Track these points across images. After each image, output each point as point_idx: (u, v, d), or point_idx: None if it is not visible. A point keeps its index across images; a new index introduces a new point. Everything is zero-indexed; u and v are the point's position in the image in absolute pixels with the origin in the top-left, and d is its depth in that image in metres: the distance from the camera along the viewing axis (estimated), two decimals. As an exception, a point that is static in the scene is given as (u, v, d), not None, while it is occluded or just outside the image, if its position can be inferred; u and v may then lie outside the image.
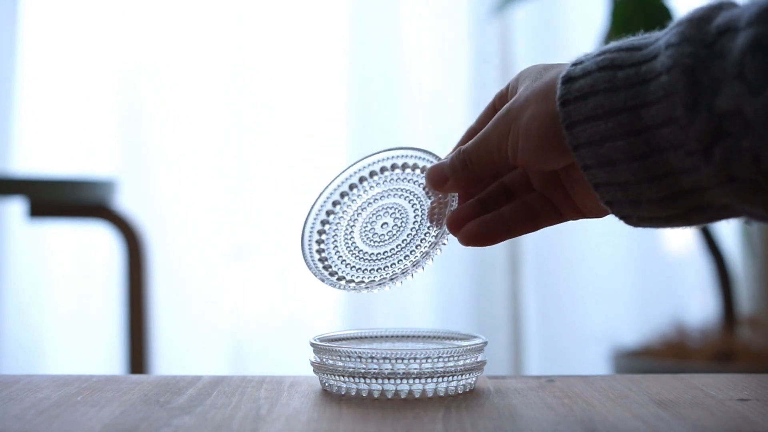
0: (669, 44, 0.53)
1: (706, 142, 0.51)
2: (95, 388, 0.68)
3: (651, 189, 0.54)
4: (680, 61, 0.52)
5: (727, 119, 0.50)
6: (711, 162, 0.51)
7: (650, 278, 2.16)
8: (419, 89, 2.12)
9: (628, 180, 0.55)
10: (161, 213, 2.07)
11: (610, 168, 0.55)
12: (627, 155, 0.54)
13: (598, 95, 0.55)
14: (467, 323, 2.09)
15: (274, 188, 2.09)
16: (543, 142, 0.58)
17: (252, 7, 2.09)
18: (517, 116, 0.60)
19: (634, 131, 0.54)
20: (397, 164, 0.69)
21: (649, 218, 0.56)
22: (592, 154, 0.55)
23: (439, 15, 2.13)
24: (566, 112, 0.56)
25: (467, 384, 0.66)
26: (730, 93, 0.50)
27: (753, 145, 0.50)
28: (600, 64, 0.56)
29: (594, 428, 0.57)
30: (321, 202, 0.69)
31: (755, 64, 0.49)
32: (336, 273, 0.69)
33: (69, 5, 2.06)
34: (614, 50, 0.56)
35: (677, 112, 0.52)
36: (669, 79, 0.52)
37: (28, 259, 2.05)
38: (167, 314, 2.04)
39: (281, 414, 0.61)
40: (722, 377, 0.72)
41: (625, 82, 0.54)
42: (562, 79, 0.57)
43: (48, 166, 2.03)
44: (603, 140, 0.55)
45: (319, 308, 2.09)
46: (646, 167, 0.54)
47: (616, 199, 0.56)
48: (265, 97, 2.10)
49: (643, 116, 0.53)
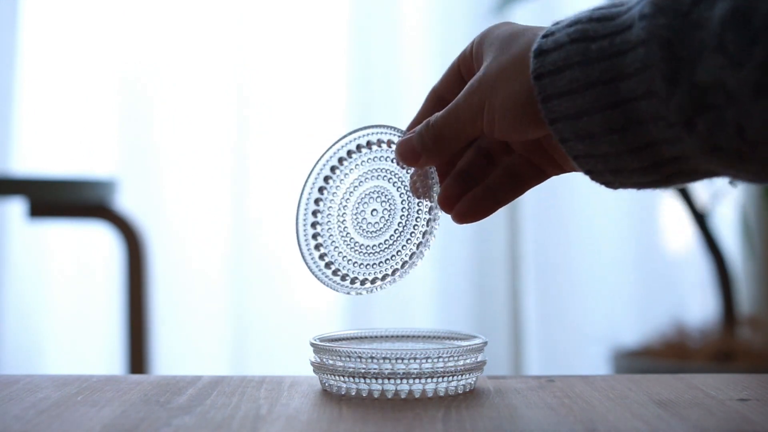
0: (643, 15, 0.52)
1: (687, 115, 0.51)
2: (95, 388, 0.68)
3: (632, 159, 0.54)
4: (656, 32, 0.51)
5: (709, 92, 0.50)
6: (694, 133, 0.51)
7: (650, 278, 2.16)
8: (419, 89, 2.12)
9: (607, 152, 0.55)
10: (161, 213, 2.07)
11: (588, 141, 0.55)
12: (605, 128, 0.54)
13: (572, 68, 0.54)
14: (467, 323, 2.09)
15: (274, 188, 2.09)
16: (521, 117, 0.58)
17: (252, 7, 2.09)
18: (491, 92, 0.59)
19: (611, 104, 0.53)
20: (362, 144, 0.68)
21: (632, 183, 0.56)
22: (569, 128, 0.55)
23: (439, 15, 2.13)
24: (541, 86, 0.56)
25: (467, 384, 0.66)
26: (711, 65, 0.49)
27: (737, 116, 0.49)
28: (572, 36, 0.55)
29: (594, 428, 0.57)
30: (304, 205, 0.69)
31: (736, 36, 0.48)
32: (348, 276, 0.69)
33: (69, 5, 2.06)
34: (585, 20, 0.55)
35: (656, 85, 0.51)
36: (646, 51, 0.51)
37: (28, 259, 2.04)
38: (167, 314, 2.04)
39: (281, 414, 0.61)
40: (722, 377, 0.72)
41: (599, 54, 0.54)
42: (534, 52, 0.56)
43: (48, 166, 2.03)
44: (580, 114, 0.54)
45: (319, 308, 2.09)
46: (626, 139, 0.54)
47: (597, 169, 0.56)
48: (265, 97, 2.10)
49: (620, 89, 0.53)
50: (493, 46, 0.60)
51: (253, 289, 2.09)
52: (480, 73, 0.60)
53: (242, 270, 2.09)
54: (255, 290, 2.09)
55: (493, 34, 0.61)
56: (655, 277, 2.16)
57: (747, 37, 0.48)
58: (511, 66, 0.58)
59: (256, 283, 2.09)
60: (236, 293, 2.09)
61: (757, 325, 1.84)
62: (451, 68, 0.66)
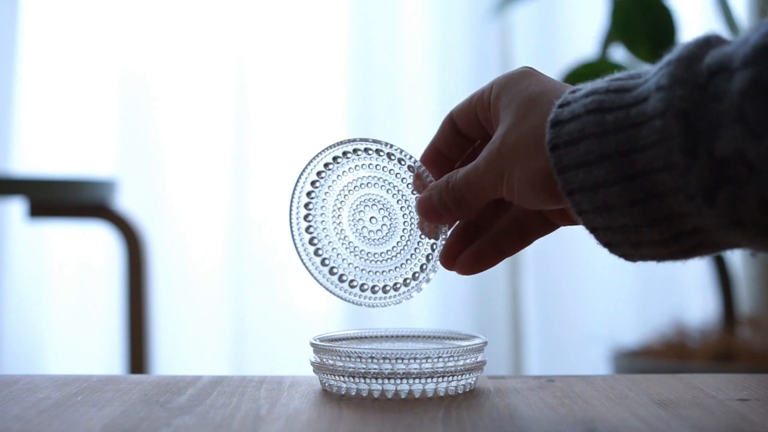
0: (659, 86, 0.51)
1: (707, 188, 0.50)
2: (95, 388, 0.68)
3: (652, 232, 0.53)
4: (673, 104, 0.50)
5: (728, 164, 0.49)
6: (715, 207, 0.50)
7: (650, 278, 2.16)
8: (419, 89, 2.12)
9: (626, 224, 0.54)
10: (161, 213, 2.07)
11: (606, 213, 0.54)
12: (623, 200, 0.53)
13: (588, 139, 0.54)
14: (467, 323, 2.09)
15: (274, 188, 2.09)
16: (540, 191, 0.58)
17: (252, 6, 2.10)
18: (510, 164, 0.59)
19: (629, 176, 0.53)
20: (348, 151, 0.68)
21: (651, 255, 0.55)
22: (587, 200, 0.55)
23: (439, 15, 2.13)
24: (557, 157, 0.55)
25: (467, 384, 0.66)
26: (730, 137, 0.49)
27: (758, 189, 0.48)
28: (588, 107, 0.54)
29: (594, 428, 0.57)
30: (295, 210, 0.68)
31: (756, 107, 0.48)
32: (356, 282, 0.68)
33: (69, 5, 2.06)
34: (602, 91, 0.55)
35: (674, 157, 0.50)
36: (663, 123, 0.51)
37: (28, 259, 2.04)
38: (167, 314, 2.04)
39: (281, 414, 0.61)
40: (722, 377, 0.72)
41: (615, 126, 0.53)
42: (550, 122, 0.56)
43: (48, 166, 2.03)
44: (597, 186, 0.54)
45: (319, 308, 2.09)
46: (645, 211, 0.53)
47: (616, 242, 0.55)
48: (265, 97, 2.10)
49: (637, 161, 0.52)
50: (510, 107, 0.60)
51: (253, 289, 2.09)
52: (499, 141, 0.60)
53: (242, 270, 2.09)
54: (255, 290, 2.09)
55: (512, 91, 0.61)
56: (655, 277, 2.16)
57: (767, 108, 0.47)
58: (529, 137, 0.58)
59: (256, 283, 2.09)
60: (236, 293, 2.09)
61: (757, 325, 1.84)
62: (469, 102, 0.65)
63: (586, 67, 1.65)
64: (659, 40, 1.60)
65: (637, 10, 1.60)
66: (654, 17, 1.60)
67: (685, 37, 1.71)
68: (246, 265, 2.09)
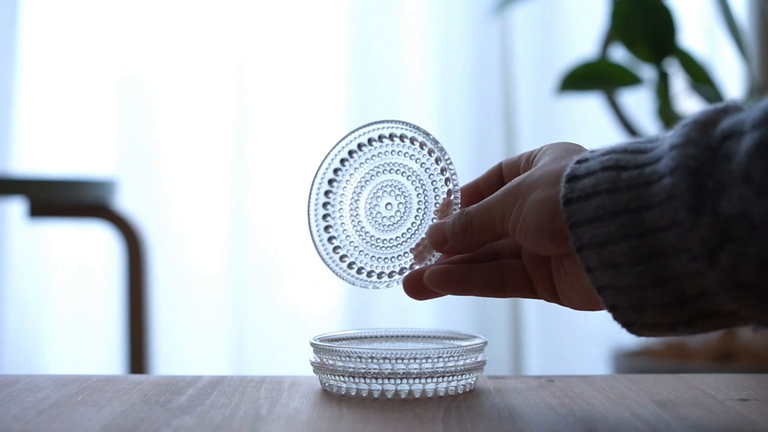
0: (673, 146, 0.52)
1: (710, 247, 0.50)
2: (95, 388, 0.68)
3: (655, 294, 0.53)
4: (684, 162, 0.51)
5: (732, 223, 0.49)
6: (717, 267, 0.50)
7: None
8: (419, 89, 2.12)
9: (630, 283, 0.54)
10: (161, 213, 2.07)
11: (613, 271, 0.54)
12: (629, 258, 0.53)
13: (600, 195, 0.54)
14: (467, 323, 2.09)
15: (274, 188, 2.09)
16: (541, 226, 0.57)
17: (252, 7, 2.10)
18: (526, 193, 0.59)
19: (637, 234, 0.53)
20: (373, 138, 0.69)
21: (653, 325, 0.55)
22: (595, 256, 0.54)
23: (439, 15, 2.13)
24: (569, 212, 0.55)
25: (467, 384, 0.66)
26: (736, 196, 0.49)
27: (759, 250, 0.48)
28: (605, 164, 0.55)
29: (594, 428, 0.57)
30: (314, 198, 0.69)
31: (762, 166, 0.48)
32: (364, 269, 0.69)
33: (69, 5, 2.06)
34: (620, 151, 0.55)
35: (680, 215, 0.51)
36: (672, 180, 0.51)
37: (28, 259, 2.05)
38: (167, 314, 2.04)
39: (281, 414, 0.61)
40: (722, 377, 0.72)
41: (628, 184, 0.53)
42: (566, 177, 0.56)
43: (48, 166, 2.03)
44: (605, 242, 0.54)
45: (319, 308, 2.09)
46: (650, 271, 0.53)
47: (620, 304, 0.55)
48: (265, 96, 2.10)
49: (645, 219, 0.52)
50: (547, 155, 0.61)
51: (253, 289, 2.09)
52: (524, 174, 0.60)
53: (242, 270, 2.09)
54: (255, 290, 2.09)
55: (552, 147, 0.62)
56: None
57: None
58: (552, 175, 0.58)
59: (256, 283, 2.09)
60: (236, 293, 2.09)
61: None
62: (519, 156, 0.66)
63: (586, 67, 1.65)
64: (659, 40, 1.60)
65: (637, 10, 1.59)
66: (654, 17, 1.60)
67: (686, 39, 1.71)
68: (246, 264, 2.09)
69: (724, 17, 1.62)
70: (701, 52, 1.91)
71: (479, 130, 2.13)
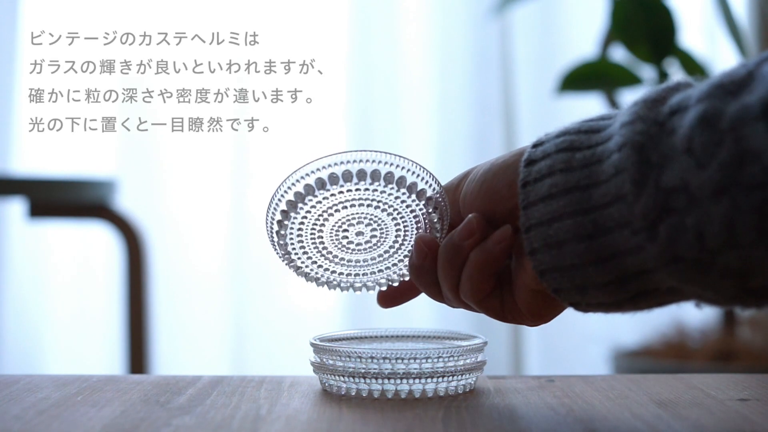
0: (623, 124, 0.52)
1: (651, 219, 0.50)
2: (95, 388, 0.68)
3: (597, 273, 0.53)
4: (631, 138, 0.51)
5: (673, 195, 0.49)
6: (656, 241, 0.50)
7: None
8: (419, 89, 2.12)
9: (573, 263, 0.54)
10: (161, 213, 2.06)
11: (556, 251, 0.54)
12: (573, 235, 0.53)
13: (554, 175, 0.55)
14: (467, 323, 2.09)
15: (274, 187, 2.09)
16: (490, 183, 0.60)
17: (252, 7, 2.09)
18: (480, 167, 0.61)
19: (582, 210, 0.53)
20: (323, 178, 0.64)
21: (597, 304, 0.55)
22: (540, 236, 0.55)
23: (438, 15, 2.13)
24: (525, 193, 0.56)
25: (467, 384, 0.66)
26: (677, 168, 0.49)
27: (697, 222, 0.48)
28: (559, 146, 0.55)
29: (594, 428, 0.57)
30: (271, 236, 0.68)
31: (703, 138, 0.48)
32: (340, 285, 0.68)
33: (69, 5, 2.06)
34: (574, 132, 0.56)
35: (625, 189, 0.51)
36: (619, 156, 0.52)
37: (28, 259, 2.04)
38: (167, 314, 2.04)
39: (281, 414, 0.61)
40: (722, 377, 0.72)
41: (581, 163, 0.54)
42: (524, 162, 0.57)
43: (48, 166, 2.03)
44: (552, 220, 0.54)
45: (319, 308, 2.09)
46: (591, 249, 0.53)
47: (563, 287, 0.55)
48: (265, 96, 2.10)
49: (593, 195, 0.53)
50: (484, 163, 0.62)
51: (253, 289, 2.09)
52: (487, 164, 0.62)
53: (242, 270, 2.09)
54: (255, 290, 2.09)
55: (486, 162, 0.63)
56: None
57: (713, 139, 0.48)
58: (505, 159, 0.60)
59: (256, 282, 2.09)
60: (236, 293, 2.09)
61: (757, 326, 1.84)
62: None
63: (586, 67, 1.65)
64: (659, 40, 1.60)
65: (637, 10, 1.59)
66: (654, 17, 1.60)
67: (686, 39, 1.71)
68: (246, 264, 2.08)
69: (724, 17, 1.62)
70: (701, 52, 1.92)
71: (479, 130, 2.13)
